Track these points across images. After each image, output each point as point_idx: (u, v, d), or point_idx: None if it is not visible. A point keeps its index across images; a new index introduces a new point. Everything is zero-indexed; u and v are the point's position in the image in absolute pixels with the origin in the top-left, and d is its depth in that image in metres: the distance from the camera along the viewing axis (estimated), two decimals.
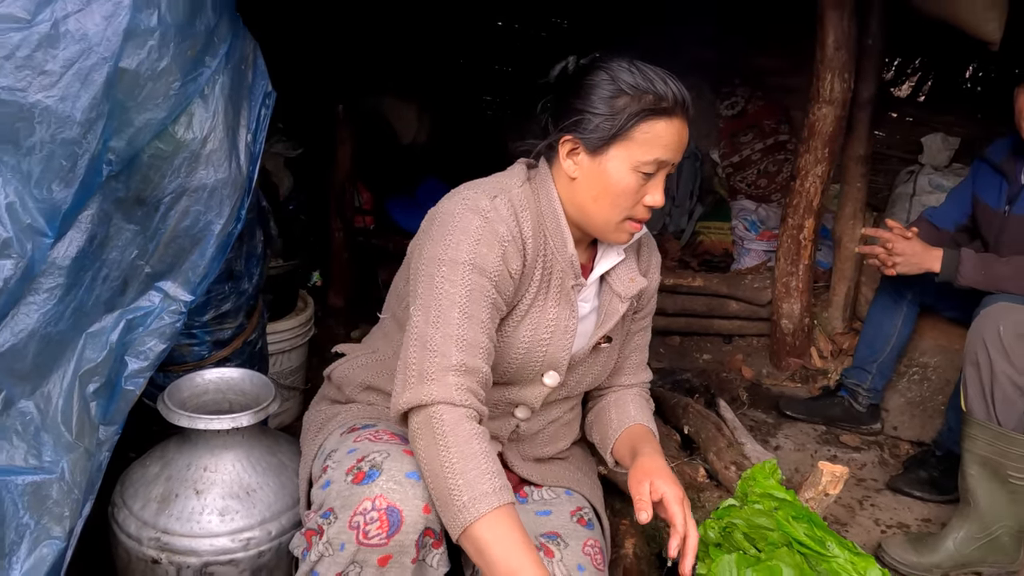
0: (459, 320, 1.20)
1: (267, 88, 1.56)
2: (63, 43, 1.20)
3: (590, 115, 1.26)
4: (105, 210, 1.36)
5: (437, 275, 1.23)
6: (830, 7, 2.67)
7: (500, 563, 1.07)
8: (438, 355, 1.18)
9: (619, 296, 1.42)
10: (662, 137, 1.26)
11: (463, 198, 1.29)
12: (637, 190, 1.28)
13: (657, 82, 1.26)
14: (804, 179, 2.91)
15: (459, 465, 1.11)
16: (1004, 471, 1.89)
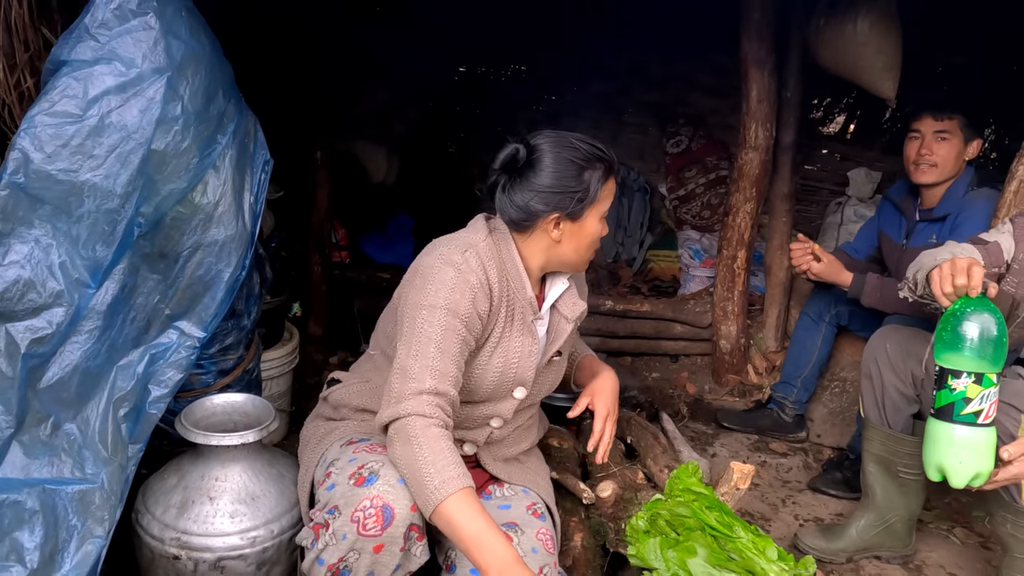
0: (434, 354, 1.48)
1: (266, 156, 1.85)
2: (107, 132, 1.49)
3: (568, 194, 1.55)
4: (134, 263, 1.64)
5: (419, 318, 1.51)
6: (753, 65, 3.04)
7: (465, 530, 1.34)
8: (415, 381, 1.46)
9: (566, 318, 1.75)
10: (612, 190, 1.63)
11: (439, 254, 1.58)
12: (600, 231, 1.64)
13: (595, 149, 1.57)
14: (736, 215, 3.26)
15: (430, 458, 1.38)
16: (895, 467, 2.22)
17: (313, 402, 1.92)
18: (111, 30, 1.48)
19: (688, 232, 4.34)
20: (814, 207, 4.51)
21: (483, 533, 1.34)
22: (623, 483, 2.10)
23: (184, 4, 1.64)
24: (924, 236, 2.76)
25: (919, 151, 2.64)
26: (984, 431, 1.71)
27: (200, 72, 1.62)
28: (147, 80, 1.50)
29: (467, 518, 1.35)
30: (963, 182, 2.67)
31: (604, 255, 4.54)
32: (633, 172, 4.67)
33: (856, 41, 2.78)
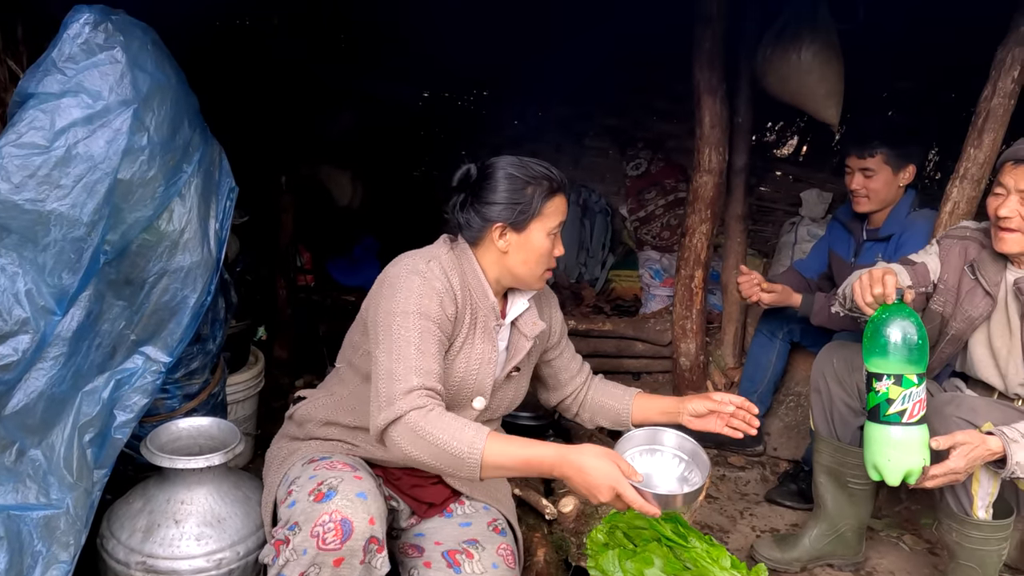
0: (415, 355, 1.54)
1: (231, 184, 1.89)
2: (74, 163, 1.53)
3: (511, 206, 1.67)
4: (100, 290, 1.67)
5: (394, 324, 1.57)
6: (705, 93, 3.16)
7: (513, 466, 1.46)
8: (401, 381, 1.51)
9: (525, 336, 1.81)
10: (557, 208, 1.71)
11: (404, 265, 1.67)
12: (550, 247, 1.72)
13: (543, 168, 1.70)
14: (692, 236, 3.37)
15: (445, 436, 1.44)
16: (844, 478, 2.32)
17: (279, 425, 1.95)
18: (78, 64, 1.53)
19: (648, 252, 4.44)
20: (769, 227, 4.66)
21: (527, 456, 1.45)
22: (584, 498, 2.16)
23: (150, 37, 1.69)
24: (871, 255, 2.89)
25: (852, 184, 2.79)
26: (909, 429, 1.79)
27: (166, 103, 1.66)
28: (114, 112, 1.55)
29: (507, 456, 1.45)
30: (905, 204, 2.81)
31: (567, 275, 4.63)
32: (594, 194, 4.78)
33: (800, 70, 2.92)
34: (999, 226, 1.99)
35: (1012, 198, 1.95)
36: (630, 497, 1.40)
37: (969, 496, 1.93)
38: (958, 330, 2.13)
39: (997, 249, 2.03)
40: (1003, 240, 1.99)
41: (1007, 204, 1.95)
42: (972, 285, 2.11)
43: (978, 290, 2.09)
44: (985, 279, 2.08)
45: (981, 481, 1.92)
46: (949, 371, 2.24)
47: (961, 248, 2.17)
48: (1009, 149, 2.01)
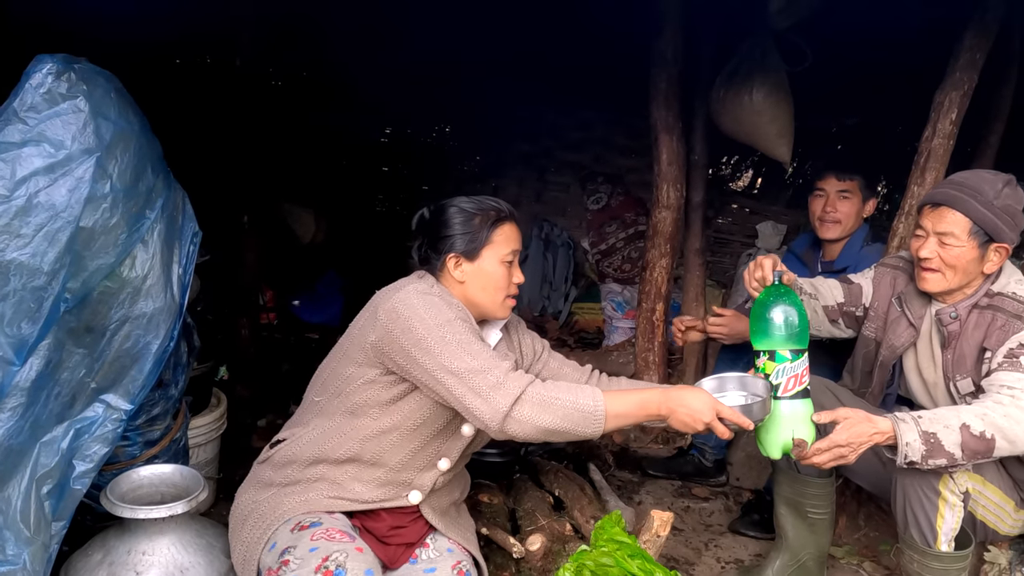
0: (484, 347, 1.64)
1: (195, 229, 1.89)
2: (35, 212, 1.52)
3: (460, 237, 1.75)
4: (60, 339, 1.65)
5: (447, 333, 1.62)
6: (662, 131, 3.25)
7: (633, 413, 1.62)
8: (492, 367, 1.59)
9: None
10: (510, 234, 1.78)
11: (410, 292, 1.70)
12: (507, 274, 1.78)
13: (490, 201, 1.79)
14: (653, 270, 3.44)
15: (569, 395, 1.58)
16: (804, 508, 2.35)
17: (241, 466, 1.92)
18: (40, 113, 1.52)
19: (610, 285, 4.51)
20: (727, 258, 4.77)
21: (640, 401, 1.63)
22: (551, 536, 2.17)
23: (113, 85, 1.69)
24: None
25: (824, 208, 2.86)
26: (783, 403, 1.81)
27: (129, 150, 1.66)
28: (76, 160, 1.54)
29: (625, 404, 1.62)
30: (859, 237, 2.91)
31: (531, 309, 4.67)
32: (557, 228, 4.85)
33: (752, 110, 3.03)
34: (921, 266, 2.05)
35: (931, 240, 2.01)
36: (727, 413, 1.61)
37: (933, 531, 1.96)
38: (885, 356, 2.22)
39: (920, 287, 2.10)
40: (925, 279, 2.06)
41: (927, 246, 2.02)
42: (898, 315, 2.19)
43: (903, 320, 2.17)
44: (911, 311, 2.16)
45: (945, 516, 1.95)
46: (895, 397, 2.32)
47: (892, 278, 2.25)
48: (927, 193, 2.11)
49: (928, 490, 1.94)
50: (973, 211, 1.96)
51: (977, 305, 2.05)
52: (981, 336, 2.02)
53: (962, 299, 2.07)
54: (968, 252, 1.99)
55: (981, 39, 2.50)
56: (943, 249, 2.00)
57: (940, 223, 2.00)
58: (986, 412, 1.85)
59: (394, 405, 1.71)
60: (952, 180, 2.05)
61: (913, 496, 1.96)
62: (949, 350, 2.08)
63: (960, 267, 2.00)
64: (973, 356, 2.04)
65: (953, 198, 1.99)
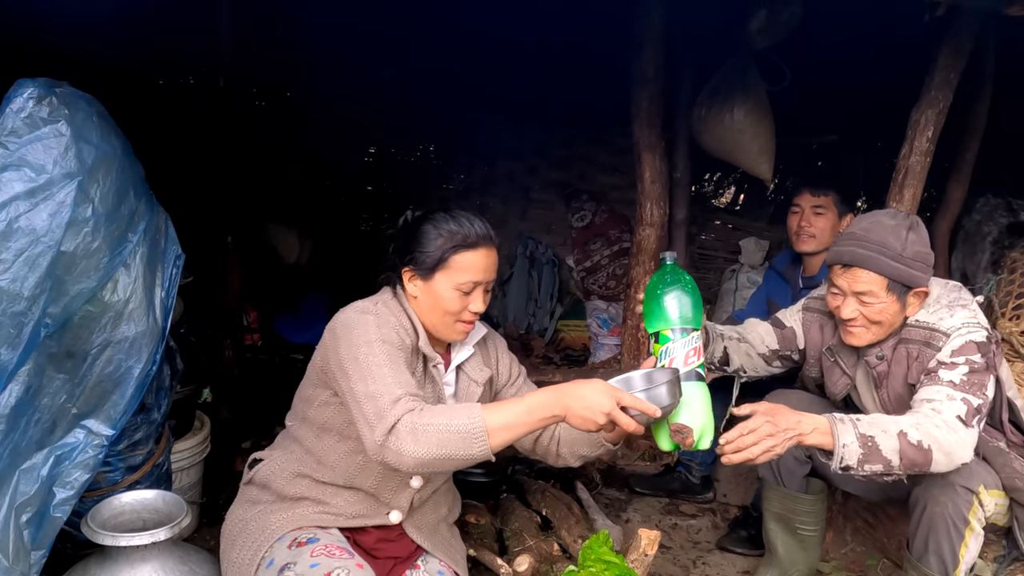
0: (389, 372, 1.56)
1: (177, 251, 1.88)
2: (15, 237, 1.51)
3: (419, 253, 1.71)
4: (40, 364, 1.63)
5: (360, 354, 1.58)
6: (645, 150, 3.27)
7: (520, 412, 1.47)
8: (385, 396, 1.51)
9: (475, 382, 1.84)
10: (470, 264, 1.71)
11: (353, 309, 1.70)
12: (460, 301, 1.71)
13: (465, 224, 1.71)
14: (638, 288, 3.44)
15: (443, 419, 1.46)
16: (793, 524, 2.36)
17: (225, 490, 1.91)
18: (21, 138, 1.52)
19: (596, 302, 4.52)
20: (711, 274, 4.80)
21: (528, 406, 1.48)
22: (539, 556, 2.16)
23: (95, 109, 1.69)
24: None
25: (799, 223, 2.92)
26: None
27: (111, 174, 1.66)
28: (57, 185, 1.54)
29: (509, 414, 1.47)
30: None
31: (517, 327, 4.67)
32: (541, 246, 4.86)
33: (733, 129, 3.06)
34: (845, 326, 2.04)
35: (850, 299, 1.99)
36: (629, 400, 1.46)
37: (955, 560, 1.94)
38: (831, 394, 2.25)
39: (848, 343, 2.07)
40: (852, 335, 2.04)
41: (847, 306, 1.99)
42: (831, 364, 2.21)
43: (836, 369, 2.20)
44: (843, 362, 2.18)
45: (969, 546, 1.94)
46: None
47: (819, 325, 2.25)
48: (833, 250, 2.04)
49: (958, 520, 1.92)
50: (886, 268, 1.92)
51: (901, 341, 2.04)
52: (903, 372, 2.03)
53: (886, 340, 2.06)
54: (890, 306, 1.97)
55: (955, 58, 2.55)
56: (864, 307, 1.97)
57: (856, 283, 1.96)
58: (919, 422, 1.84)
59: (351, 427, 1.64)
60: (855, 235, 1.98)
61: (940, 526, 1.93)
62: (882, 389, 2.10)
63: (885, 321, 1.99)
64: (903, 392, 2.05)
65: (863, 258, 1.94)
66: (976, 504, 1.93)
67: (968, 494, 1.92)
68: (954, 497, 1.91)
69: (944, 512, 1.91)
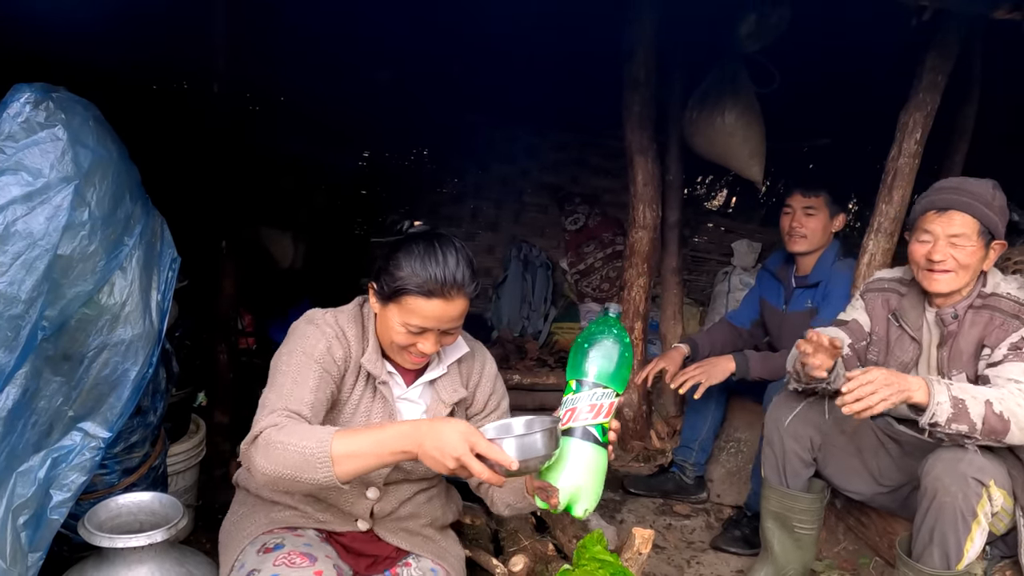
0: (289, 385, 1.57)
1: (173, 255, 1.89)
2: (12, 240, 1.52)
3: (384, 275, 1.64)
4: (37, 367, 1.64)
5: (279, 362, 1.63)
6: (637, 153, 3.30)
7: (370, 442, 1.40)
8: (267, 408, 1.54)
9: (444, 403, 1.77)
10: (422, 311, 1.59)
11: (304, 316, 1.72)
12: (408, 338, 1.64)
13: (432, 268, 1.58)
14: (631, 289, 3.47)
15: (294, 440, 1.41)
16: (791, 523, 2.36)
17: (221, 493, 1.92)
18: (18, 142, 1.53)
19: (589, 304, 4.55)
20: (704, 276, 4.83)
21: (379, 437, 1.40)
22: (534, 556, 2.18)
23: (91, 113, 1.70)
24: (801, 301, 3.04)
25: (791, 224, 2.96)
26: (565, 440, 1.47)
27: (107, 178, 1.67)
28: (54, 189, 1.55)
29: (358, 443, 1.40)
30: (831, 252, 2.99)
31: (511, 330, 4.68)
32: (535, 249, 4.88)
33: (724, 132, 3.09)
34: (933, 269, 2.12)
35: (941, 243, 2.10)
36: (484, 447, 1.32)
37: (959, 553, 1.96)
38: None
39: (930, 289, 2.16)
40: (936, 280, 2.13)
41: (938, 249, 2.10)
42: (899, 333, 2.26)
43: (905, 337, 2.24)
44: (908, 325, 2.23)
45: (975, 540, 1.96)
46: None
47: (883, 300, 2.33)
48: (925, 199, 2.18)
49: (967, 512, 1.94)
50: (980, 213, 2.08)
51: (972, 306, 2.14)
52: (978, 334, 2.11)
53: (959, 300, 2.16)
54: (977, 251, 2.09)
55: (942, 61, 2.58)
56: (956, 250, 2.09)
57: (951, 226, 2.09)
58: (1003, 396, 1.93)
59: None
60: (948, 187, 2.15)
61: (948, 516, 1.95)
62: (944, 348, 2.16)
63: (972, 266, 2.10)
64: (970, 352, 2.13)
65: (960, 203, 2.09)
66: (985, 498, 1.95)
67: (979, 487, 1.94)
68: (965, 488, 1.93)
69: (954, 503, 1.93)
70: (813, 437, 2.30)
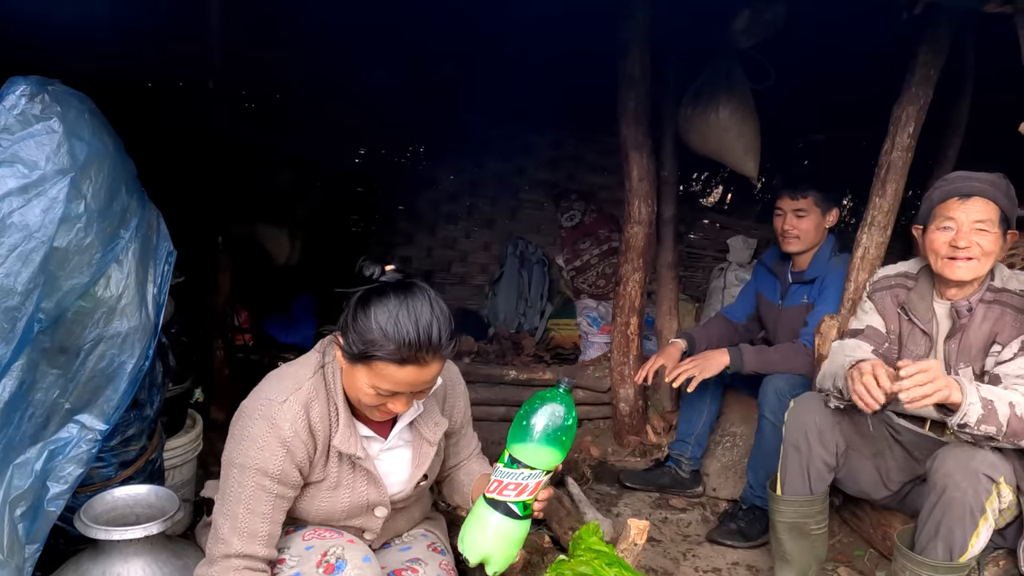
0: (243, 514, 1.52)
1: (169, 248, 1.90)
2: (8, 232, 1.52)
3: (352, 334, 1.48)
4: (33, 359, 1.64)
5: (230, 477, 1.55)
6: (632, 149, 3.31)
7: None
8: (223, 543, 1.52)
9: (428, 441, 1.72)
10: (393, 376, 1.47)
11: (259, 402, 1.55)
12: (378, 400, 1.52)
13: (404, 331, 1.44)
14: (626, 285, 3.48)
15: None
16: (808, 527, 2.30)
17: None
18: (13, 135, 1.53)
19: (585, 301, 4.55)
20: (700, 273, 4.84)
21: None
22: (530, 548, 2.19)
23: (87, 107, 1.71)
24: (797, 297, 3.06)
25: (783, 226, 2.97)
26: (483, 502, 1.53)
27: (103, 171, 1.67)
28: (50, 181, 1.55)
29: None
30: (827, 248, 3.00)
31: (507, 326, 4.69)
32: (531, 246, 4.89)
33: (719, 127, 3.10)
34: (957, 256, 2.10)
35: (965, 229, 2.09)
36: None
37: (964, 547, 1.95)
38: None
39: (952, 278, 2.12)
40: (959, 268, 2.10)
41: (963, 236, 2.08)
42: (910, 328, 2.25)
43: (916, 330, 2.24)
44: (918, 318, 2.23)
45: (980, 535, 1.95)
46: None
47: (892, 296, 2.32)
48: (943, 188, 2.16)
49: (976, 508, 1.93)
50: (1000, 200, 2.08)
51: (983, 299, 2.14)
52: (989, 329, 2.11)
53: (972, 292, 2.16)
54: (998, 239, 2.09)
55: (934, 55, 2.59)
56: (980, 237, 2.08)
57: (975, 212, 2.08)
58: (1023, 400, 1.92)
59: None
60: (964, 176, 2.13)
61: (957, 511, 1.93)
62: (953, 340, 2.16)
63: (994, 253, 2.10)
64: (979, 347, 2.12)
65: (983, 189, 2.09)
66: (995, 494, 1.94)
67: (990, 483, 1.93)
68: (976, 484, 1.92)
69: (964, 498, 1.92)
70: (839, 442, 2.25)
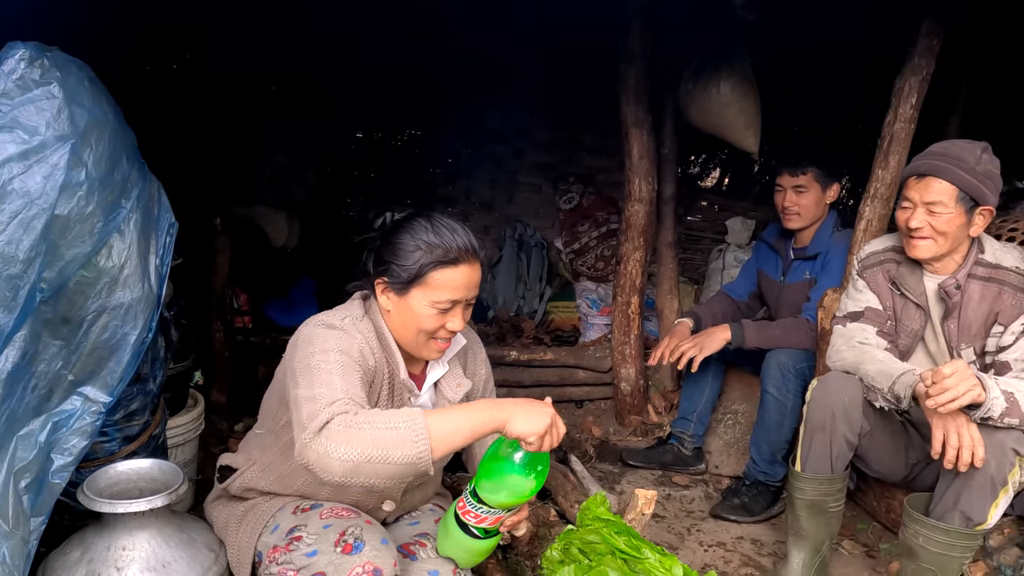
0: (339, 379, 1.47)
1: (171, 220, 1.88)
2: (9, 199, 1.49)
3: (395, 265, 1.58)
4: (36, 330, 1.62)
5: (313, 361, 1.50)
6: (632, 126, 3.30)
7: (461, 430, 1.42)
8: (324, 398, 1.43)
9: (449, 400, 1.75)
10: (451, 281, 1.57)
11: (318, 322, 1.60)
12: (438, 319, 1.60)
13: (446, 237, 1.57)
14: (627, 264, 3.47)
15: (380, 420, 1.38)
16: (826, 505, 2.29)
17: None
18: (12, 100, 1.50)
19: (585, 283, 4.54)
20: (698, 254, 4.84)
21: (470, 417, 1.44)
22: (536, 521, 2.18)
23: (86, 74, 1.68)
24: (799, 273, 3.06)
25: (784, 203, 2.97)
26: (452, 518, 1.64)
27: (104, 139, 1.65)
28: (50, 147, 1.53)
29: (451, 421, 1.43)
30: (829, 223, 3.00)
31: (507, 309, 4.68)
32: (530, 228, 4.87)
33: (720, 102, 3.09)
34: (911, 236, 2.13)
35: (919, 210, 2.10)
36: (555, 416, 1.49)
37: (983, 516, 1.96)
38: (904, 345, 2.25)
39: (911, 256, 2.17)
40: (916, 247, 2.13)
41: (915, 216, 2.10)
42: (903, 302, 2.25)
43: (909, 304, 2.24)
44: (909, 291, 2.22)
45: (1000, 505, 1.96)
46: None
47: (883, 272, 2.31)
48: (910, 165, 2.18)
49: (998, 480, 1.94)
50: (958, 178, 2.04)
51: (973, 275, 2.13)
52: (988, 308, 2.11)
53: (956, 268, 2.15)
54: (956, 218, 2.07)
55: (937, 26, 2.58)
56: (932, 217, 2.08)
57: (927, 193, 2.07)
58: None
59: None
60: (932, 151, 2.11)
61: (979, 482, 1.94)
62: (951, 320, 2.16)
63: (950, 233, 2.08)
64: (979, 326, 2.12)
65: (938, 168, 2.06)
66: (1018, 467, 1.95)
67: (1015, 456, 1.94)
68: (1000, 457, 1.92)
69: (987, 470, 1.92)
70: (863, 423, 2.23)
